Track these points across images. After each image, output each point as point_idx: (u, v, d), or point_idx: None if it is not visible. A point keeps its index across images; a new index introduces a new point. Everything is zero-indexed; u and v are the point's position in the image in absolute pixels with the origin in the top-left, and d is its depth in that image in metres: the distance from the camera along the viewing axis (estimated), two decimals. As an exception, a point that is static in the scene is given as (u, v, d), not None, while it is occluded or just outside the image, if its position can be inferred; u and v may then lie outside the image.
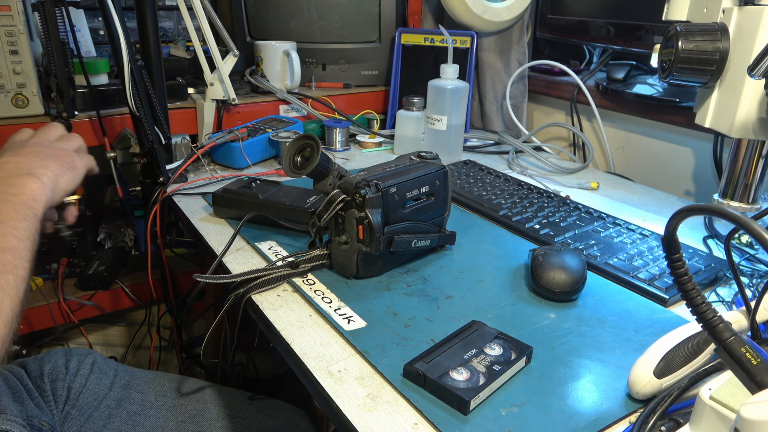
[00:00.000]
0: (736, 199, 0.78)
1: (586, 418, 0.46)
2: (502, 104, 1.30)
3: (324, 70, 1.34)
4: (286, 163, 0.63)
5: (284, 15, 1.31)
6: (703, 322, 0.38)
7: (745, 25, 0.66)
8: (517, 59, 1.30)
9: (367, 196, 0.61)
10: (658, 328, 0.58)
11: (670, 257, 0.39)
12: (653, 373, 0.47)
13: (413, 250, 0.69)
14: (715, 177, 1.03)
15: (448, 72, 1.05)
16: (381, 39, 1.33)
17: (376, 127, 1.27)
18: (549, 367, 0.52)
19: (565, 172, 1.08)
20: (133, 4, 0.92)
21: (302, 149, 0.64)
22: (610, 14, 1.12)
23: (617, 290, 0.66)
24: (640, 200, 0.97)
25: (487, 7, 1.19)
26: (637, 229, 0.79)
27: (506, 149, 1.19)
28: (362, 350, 0.53)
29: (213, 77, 1.09)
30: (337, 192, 0.63)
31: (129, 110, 0.90)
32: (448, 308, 0.61)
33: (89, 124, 1.02)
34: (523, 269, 0.70)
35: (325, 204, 0.63)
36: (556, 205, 0.86)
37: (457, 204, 0.90)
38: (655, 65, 0.78)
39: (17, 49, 0.94)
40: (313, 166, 0.61)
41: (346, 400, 0.47)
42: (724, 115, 0.71)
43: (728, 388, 0.39)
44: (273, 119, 1.16)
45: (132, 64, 0.87)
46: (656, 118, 1.09)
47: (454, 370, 0.49)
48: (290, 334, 0.56)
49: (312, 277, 0.66)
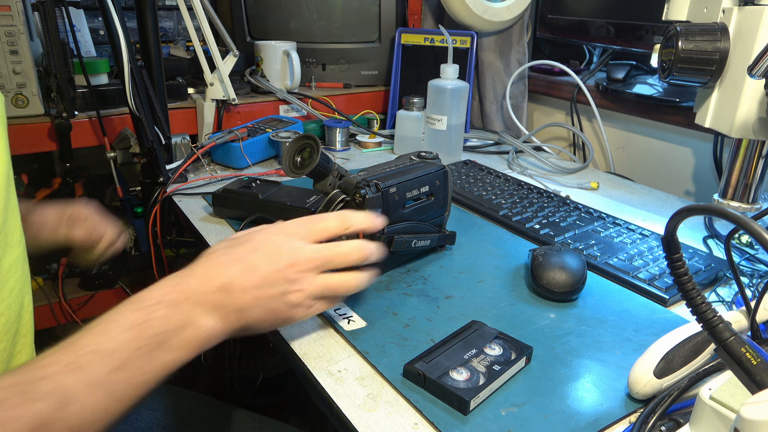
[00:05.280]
0: (736, 199, 0.78)
1: (586, 418, 0.46)
2: (502, 104, 1.30)
3: (324, 70, 1.34)
4: (286, 163, 0.63)
5: (284, 15, 1.31)
6: (703, 322, 0.38)
7: (745, 25, 0.66)
8: (517, 59, 1.30)
9: (367, 196, 0.61)
10: (658, 328, 0.58)
11: (670, 257, 0.39)
12: (653, 373, 0.47)
13: (413, 250, 0.69)
14: (715, 177, 1.03)
15: (448, 72, 1.05)
16: (381, 39, 1.33)
17: (376, 127, 1.27)
18: (549, 367, 0.52)
19: (565, 172, 1.08)
20: (133, 4, 0.92)
21: (302, 149, 0.64)
22: (610, 14, 1.12)
23: (617, 290, 0.66)
24: (640, 200, 0.97)
25: (487, 7, 1.19)
26: (637, 229, 0.79)
27: (506, 149, 1.19)
28: (362, 350, 0.53)
29: (213, 77, 1.09)
30: (337, 192, 0.62)
31: (129, 110, 0.90)
32: (448, 308, 0.61)
33: (89, 124, 1.02)
34: (523, 269, 0.70)
35: (325, 204, 0.63)
36: (556, 205, 0.86)
37: (457, 204, 0.90)
38: (655, 65, 0.78)
39: (17, 49, 0.94)
40: (313, 166, 0.61)
41: (346, 400, 0.47)
42: (724, 115, 0.71)
43: (728, 388, 0.39)
44: (273, 119, 1.16)
45: (132, 64, 0.87)
46: (656, 118, 1.09)
47: (454, 370, 0.49)
48: (290, 334, 0.56)
49: (312, 277, 0.66)
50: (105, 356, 0.40)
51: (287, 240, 0.50)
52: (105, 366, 0.40)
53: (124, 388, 0.41)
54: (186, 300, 0.45)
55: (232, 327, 0.48)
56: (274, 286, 0.48)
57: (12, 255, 0.52)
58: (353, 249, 0.52)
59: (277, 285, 0.48)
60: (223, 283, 0.47)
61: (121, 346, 0.41)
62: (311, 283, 0.50)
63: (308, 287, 0.50)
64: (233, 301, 0.47)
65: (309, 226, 0.52)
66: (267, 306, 0.48)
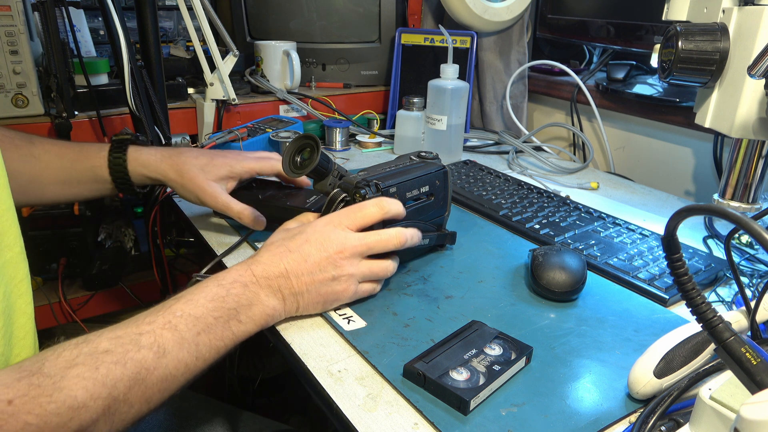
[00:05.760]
0: (736, 199, 0.78)
1: (586, 418, 0.46)
2: (502, 104, 1.30)
3: (324, 70, 1.34)
4: (286, 162, 0.63)
5: (284, 15, 1.31)
6: (703, 322, 0.38)
7: (745, 25, 0.66)
8: (517, 59, 1.30)
9: (367, 195, 0.61)
10: (658, 328, 0.58)
11: (670, 257, 0.39)
12: (653, 373, 0.47)
13: (413, 249, 0.69)
14: (715, 177, 1.03)
15: (448, 72, 1.05)
16: (381, 39, 1.33)
17: (376, 127, 1.27)
18: (549, 367, 0.52)
19: (565, 172, 1.08)
20: (133, 4, 0.92)
21: (302, 149, 0.64)
22: (610, 14, 1.12)
23: (617, 290, 0.66)
24: (640, 200, 0.97)
25: (487, 7, 1.19)
26: (637, 229, 0.79)
27: (506, 149, 1.19)
28: (362, 350, 0.53)
29: (213, 77, 1.09)
30: (337, 191, 0.63)
31: (129, 110, 0.90)
32: (448, 308, 0.61)
33: (89, 124, 1.02)
34: (523, 269, 0.70)
35: (326, 204, 0.63)
36: (556, 205, 0.86)
37: (457, 204, 0.90)
38: (655, 65, 0.78)
39: (17, 49, 0.94)
40: (313, 165, 0.61)
41: (346, 400, 0.47)
42: (724, 115, 0.71)
43: (728, 388, 0.39)
44: (273, 119, 1.16)
45: (132, 64, 0.87)
46: (656, 118, 1.09)
47: (454, 370, 0.49)
48: (290, 334, 0.56)
49: (312, 277, 0.66)
50: (193, 320, 0.48)
51: (334, 230, 0.57)
52: (193, 328, 0.48)
53: (205, 348, 0.49)
54: (254, 283, 0.53)
55: (290, 308, 0.56)
56: (325, 271, 0.55)
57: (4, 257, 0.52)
58: (392, 236, 0.59)
59: (327, 270, 0.56)
60: (283, 270, 0.54)
61: (206, 313, 0.49)
62: (357, 268, 0.57)
63: (354, 271, 0.57)
64: (290, 286, 0.55)
65: (351, 216, 0.58)
66: (318, 290, 0.56)
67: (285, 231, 0.60)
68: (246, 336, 0.53)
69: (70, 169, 0.73)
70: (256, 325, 0.53)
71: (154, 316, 0.48)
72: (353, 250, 0.57)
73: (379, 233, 0.59)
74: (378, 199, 0.60)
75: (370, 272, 0.59)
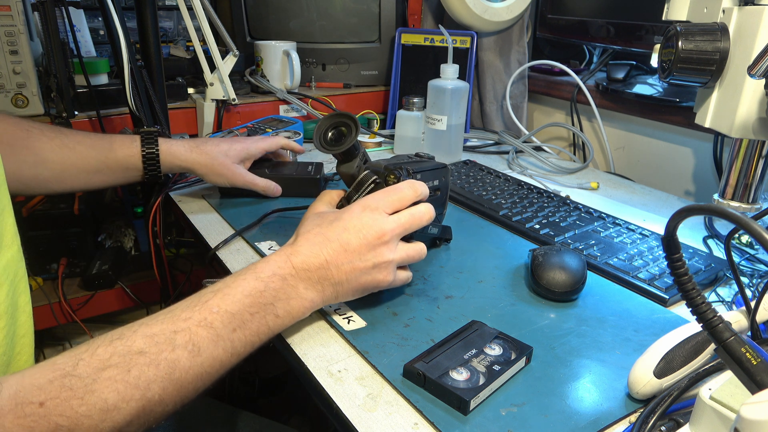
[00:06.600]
0: (736, 199, 0.78)
1: (586, 418, 0.46)
2: (502, 104, 1.30)
3: (324, 70, 1.34)
4: (318, 136, 0.61)
5: (284, 15, 1.31)
6: (703, 322, 0.38)
7: (745, 25, 0.66)
8: (517, 59, 1.30)
9: (401, 178, 0.61)
10: (658, 328, 0.58)
11: (670, 257, 0.39)
12: (653, 373, 0.47)
13: (425, 236, 0.68)
14: (715, 177, 1.03)
15: (448, 72, 1.05)
16: (381, 39, 1.33)
17: (376, 127, 1.27)
18: (549, 367, 0.52)
19: (565, 172, 1.08)
20: (133, 4, 0.92)
21: (336, 126, 0.62)
22: (610, 14, 1.12)
23: (617, 290, 0.66)
24: (640, 200, 0.97)
25: (487, 7, 1.19)
26: (637, 229, 0.79)
27: (506, 149, 1.19)
28: (362, 350, 0.53)
29: (213, 77, 1.09)
30: (368, 173, 0.61)
31: (129, 110, 0.90)
32: (448, 308, 0.61)
33: (89, 124, 1.02)
34: (523, 269, 0.70)
35: (355, 185, 0.62)
36: (556, 205, 0.86)
37: (457, 204, 0.90)
38: (655, 65, 0.78)
39: (17, 49, 0.94)
40: (351, 143, 0.60)
41: (346, 400, 0.47)
42: (724, 115, 0.71)
43: (728, 388, 0.39)
44: (273, 119, 1.16)
45: (132, 64, 0.87)
46: (656, 118, 1.09)
47: (454, 370, 0.49)
48: (290, 334, 0.56)
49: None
50: (229, 317, 0.48)
51: (371, 215, 0.56)
52: (229, 325, 0.48)
53: (240, 345, 0.49)
54: (293, 276, 0.52)
55: (328, 298, 0.55)
56: (365, 260, 0.55)
57: (5, 256, 0.52)
58: (423, 212, 0.58)
59: (367, 258, 0.55)
60: (323, 261, 0.53)
61: (243, 309, 0.49)
62: (396, 253, 0.57)
63: (394, 257, 0.56)
64: (330, 276, 0.54)
65: (387, 199, 0.57)
66: (358, 279, 0.55)
67: (318, 216, 0.58)
68: (282, 329, 0.53)
69: (103, 159, 0.78)
70: (294, 319, 0.53)
71: (191, 311, 0.47)
72: (392, 233, 0.56)
73: (410, 211, 0.58)
74: (410, 182, 0.59)
75: (407, 256, 0.58)
